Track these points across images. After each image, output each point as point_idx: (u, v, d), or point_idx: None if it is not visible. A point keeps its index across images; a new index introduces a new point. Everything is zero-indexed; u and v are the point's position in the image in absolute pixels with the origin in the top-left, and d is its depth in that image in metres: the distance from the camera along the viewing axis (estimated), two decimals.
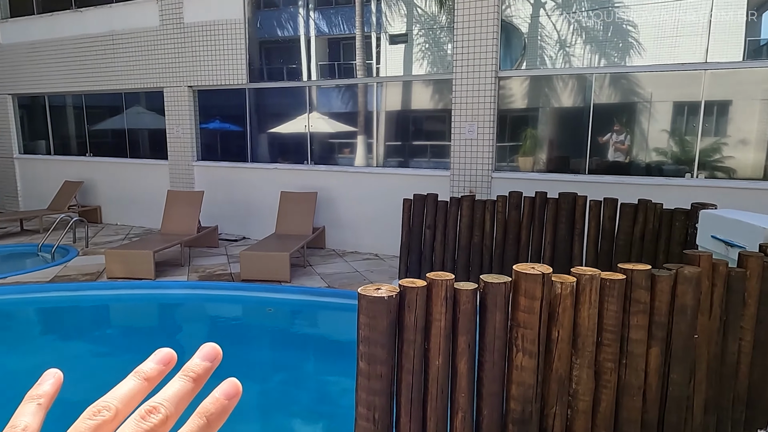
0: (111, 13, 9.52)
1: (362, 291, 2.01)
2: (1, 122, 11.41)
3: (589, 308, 2.20)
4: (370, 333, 2.00)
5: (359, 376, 2.06)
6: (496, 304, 2.10)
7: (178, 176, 9.32)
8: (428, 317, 2.10)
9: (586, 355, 2.23)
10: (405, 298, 2.04)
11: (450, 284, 2.07)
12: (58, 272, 6.75)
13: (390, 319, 2.01)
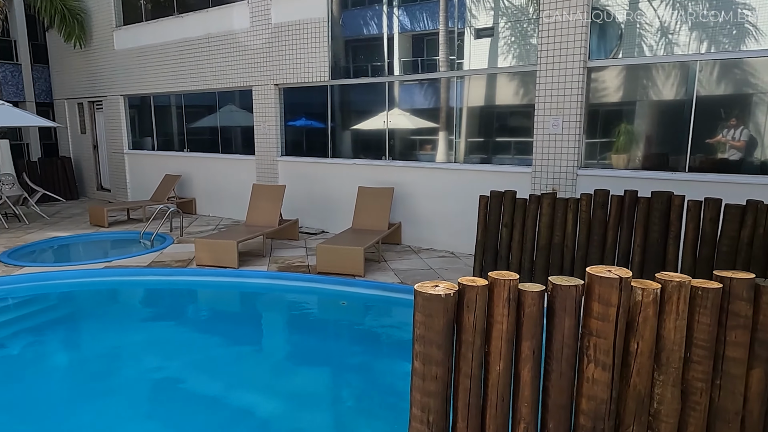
0: (207, 17, 10.15)
1: (419, 288, 1.93)
2: (114, 121, 12.62)
3: (676, 319, 1.95)
4: (425, 332, 1.92)
5: (414, 376, 1.99)
6: (565, 308, 1.92)
7: (264, 171, 9.75)
8: (489, 319, 1.97)
9: (671, 372, 1.98)
10: (464, 297, 1.93)
11: (513, 285, 1.93)
12: (155, 258, 7.31)
13: (447, 318, 1.91)
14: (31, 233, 9.10)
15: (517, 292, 1.94)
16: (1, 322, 5.84)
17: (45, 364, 4.78)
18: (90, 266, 6.87)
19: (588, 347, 1.94)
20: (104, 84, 12.64)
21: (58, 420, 3.70)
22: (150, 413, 3.86)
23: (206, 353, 4.90)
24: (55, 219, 10.58)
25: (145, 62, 11.49)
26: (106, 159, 13.42)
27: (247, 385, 4.23)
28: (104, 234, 9.30)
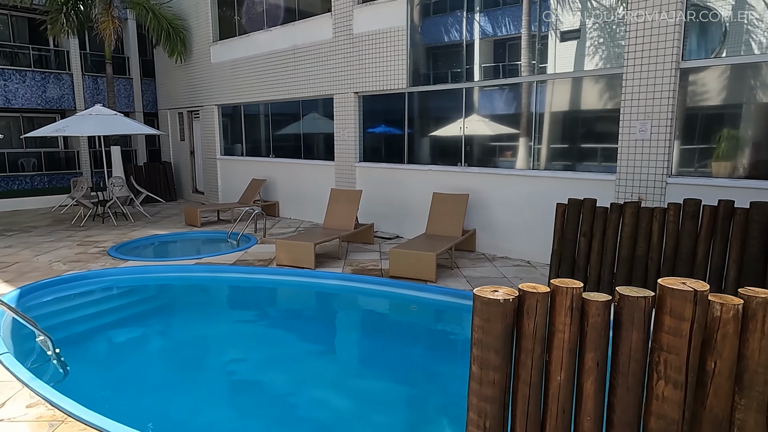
0: (294, 30, 10.69)
1: (477, 292, 1.94)
2: (209, 129, 13.62)
3: (762, 339, 1.80)
4: (483, 336, 1.92)
5: (471, 380, 1.99)
6: (633, 320, 1.84)
7: (343, 176, 10.06)
8: (550, 327, 1.93)
9: (755, 396, 1.83)
10: (524, 304, 1.91)
11: (577, 293, 1.88)
12: (240, 257, 7.79)
13: (505, 323, 1.90)
14: (135, 230, 10.04)
15: (581, 301, 1.89)
16: (108, 308, 6.54)
17: (143, 346, 5.28)
18: (183, 262, 7.47)
19: (658, 363, 1.84)
20: (201, 95, 13.69)
21: (153, 392, 4.09)
22: (227, 398, 4.14)
23: (280, 348, 5.16)
24: (155, 218, 11.59)
25: (237, 74, 12.31)
26: (201, 164, 14.50)
27: (315, 381, 4.40)
28: (197, 233, 10.06)
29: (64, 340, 4.83)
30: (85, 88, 15.84)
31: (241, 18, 12.36)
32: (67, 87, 15.56)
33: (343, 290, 6.67)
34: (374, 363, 4.95)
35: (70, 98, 15.56)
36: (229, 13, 12.71)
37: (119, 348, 5.28)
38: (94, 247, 8.54)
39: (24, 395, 3.62)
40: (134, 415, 3.74)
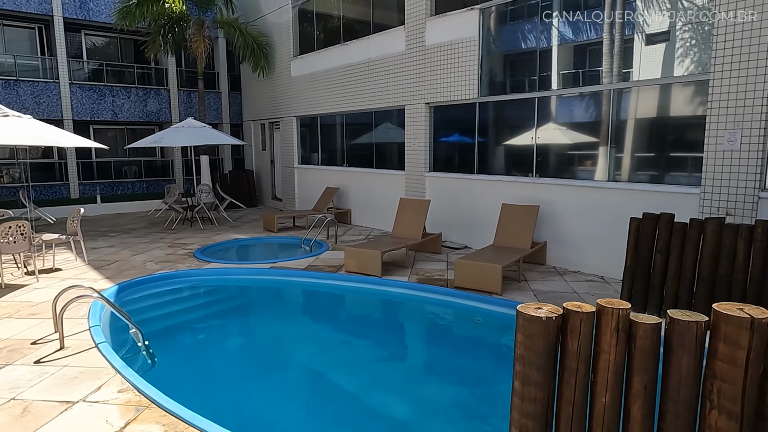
0: (368, 43, 11.02)
1: (521, 308, 1.96)
2: (288, 139, 14.31)
3: None
4: (525, 352, 1.94)
5: (513, 396, 2.01)
6: (683, 345, 1.78)
7: (413, 186, 10.18)
8: (596, 347, 1.91)
9: None
10: (568, 322, 1.90)
11: (624, 314, 1.85)
12: (311, 262, 8.13)
13: (548, 341, 1.90)
14: (219, 234, 10.78)
15: (628, 323, 1.85)
16: (191, 306, 7.09)
17: (220, 343, 5.69)
18: (259, 265, 7.93)
19: (711, 391, 1.76)
20: (281, 107, 14.44)
21: (227, 386, 4.41)
22: (294, 396, 4.37)
23: (344, 351, 5.34)
24: (237, 223, 12.36)
25: (314, 86, 12.87)
26: (280, 172, 15.25)
27: (377, 386, 4.52)
28: (273, 238, 10.60)
29: (152, 334, 5.32)
30: (180, 102, 17.24)
31: (320, 33, 12.92)
32: (164, 101, 17.03)
33: (408, 299, 6.76)
34: (436, 372, 4.99)
35: (167, 111, 17.01)
36: (309, 28, 13.33)
37: (199, 343, 5.73)
38: (182, 249, 9.28)
39: (116, 381, 4.05)
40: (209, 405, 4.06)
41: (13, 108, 13.74)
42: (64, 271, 7.67)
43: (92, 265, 8.01)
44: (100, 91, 15.86)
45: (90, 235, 10.63)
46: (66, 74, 15.16)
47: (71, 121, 15.31)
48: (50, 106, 15.00)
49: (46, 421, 3.47)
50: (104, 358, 4.49)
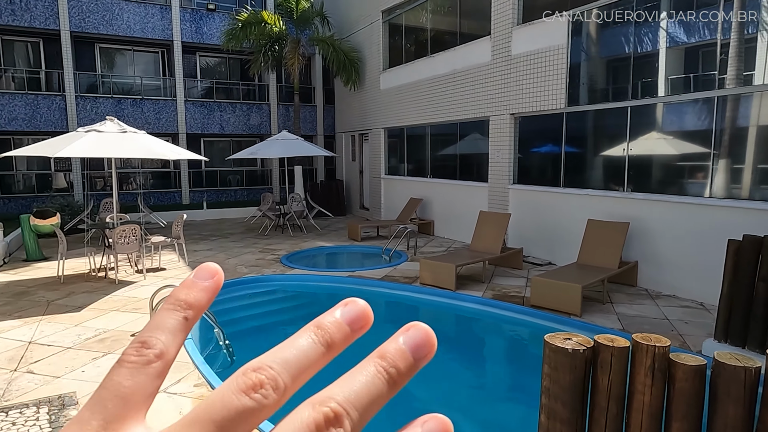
0: (454, 55, 10.99)
1: (548, 338, 1.86)
2: (376, 150, 14.66)
3: None
4: (551, 385, 1.84)
5: (539, 430, 1.91)
6: (729, 393, 1.59)
7: (495, 198, 9.95)
8: (630, 386, 1.76)
9: None
10: (598, 357, 1.78)
11: (662, 352, 1.69)
12: (388, 272, 8.25)
13: (575, 375, 1.79)
14: (306, 241, 11.30)
15: (666, 362, 1.69)
16: (272, 310, 7.51)
17: None
18: (338, 273, 8.20)
19: None
20: (370, 119, 14.84)
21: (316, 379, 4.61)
22: None
23: None
24: (324, 231, 12.86)
25: (401, 99, 13.08)
26: (368, 182, 15.64)
27: (444, 402, 4.47)
28: (356, 247, 10.89)
29: (234, 334, 5.72)
30: (279, 116, 18.37)
31: (409, 45, 13.13)
32: (265, 115, 18.25)
33: (480, 314, 6.61)
34: (500, 391, 4.83)
35: (267, 125, 18.21)
36: (398, 42, 13.60)
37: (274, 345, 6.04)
38: (271, 254, 9.85)
39: (194, 376, 4.42)
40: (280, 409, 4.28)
41: (138, 123, 15.54)
42: (167, 271, 8.49)
43: (191, 267, 8.78)
44: (209, 107, 17.39)
45: (193, 239, 11.66)
46: (182, 92, 16.83)
47: (185, 135, 16.94)
48: (168, 122, 16.73)
49: None
50: (187, 353, 4.90)
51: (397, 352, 0.28)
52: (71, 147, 7.09)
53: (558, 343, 1.81)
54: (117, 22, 15.83)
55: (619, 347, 1.74)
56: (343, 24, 16.03)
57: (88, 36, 15.92)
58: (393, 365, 0.28)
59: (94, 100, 15.79)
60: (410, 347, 0.29)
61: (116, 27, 15.83)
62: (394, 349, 0.29)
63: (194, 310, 0.32)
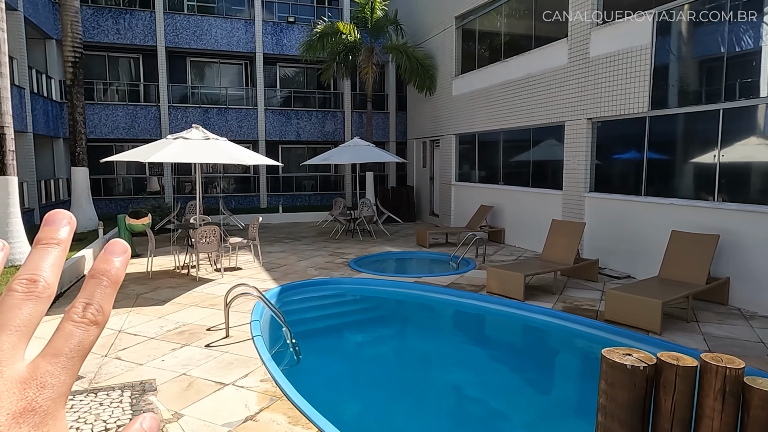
0: (529, 59, 10.70)
1: (606, 352, 1.76)
2: (446, 156, 14.57)
3: None
4: (607, 402, 1.73)
5: None
6: None
7: (570, 206, 9.53)
8: (698, 410, 1.62)
9: None
10: (661, 375, 1.65)
11: (735, 375, 1.54)
12: (454, 280, 8.14)
13: (634, 394, 1.67)
14: (374, 246, 11.44)
15: (740, 386, 1.54)
16: (338, 312, 7.67)
17: (359, 350, 6.06)
18: (404, 279, 8.22)
19: None
20: (441, 125, 14.79)
21: (358, 392, 4.70)
22: (418, 410, 4.45)
23: (473, 372, 5.24)
24: (393, 237, 12.95)
25: (473, 104, 12.92)
26: (438, 189, 15.57)
27: (506, 415, 4.35)
28: (424, 253, 10.87)
29: (300, 333, 5.91)
30: (353, 123, 18.80)
31: (483, 50, 12.96)
32: (339, 122, 18.75)
33: (549, 327, 6.35)
34: (569, 409, 4.61)
35: (341, 131, 18.70)
36: (471, 47, 13.46)
37: (339, 347, 6.17)
38: (340, 258, 10.07)
39: (261, 372, 4.61)
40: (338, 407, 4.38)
41: (222, 130, 16.53)
42: (243, 270, 8.93)
43: (265, 267, 9.18)
44: (287, 115, 18.15)
45: (268, 241, 12.19)
46: (262, 101, 17.71)
47: (264, 142, 17.79)
48: (249, 129, 17.65)
49: (203, 396, 4.11)
50: (256, 349, 5.13)
51: (103, 261, 0.40)
52: (161, 153, 7.69)
53: (616, 359, 1.71)
54: (206, 37, 16.98)
55: (684, 366, 1.61)
56: (416, 31, 16.13)
57: (180, 51, 17.21)
58: (103, 273, 0.39)
59: (184, 110, 17.02)
60: (110, 253, 0.40)
61: (205, 41, 16.99)
62: (100, 262, 0.40)
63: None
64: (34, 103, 13.42)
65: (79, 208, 12.00)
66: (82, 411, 3.78)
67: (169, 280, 8.24)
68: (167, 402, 3.99)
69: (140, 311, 6.50)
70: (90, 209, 12.24)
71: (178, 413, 3.82)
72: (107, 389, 4.20)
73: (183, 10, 16.98)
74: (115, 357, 4.98)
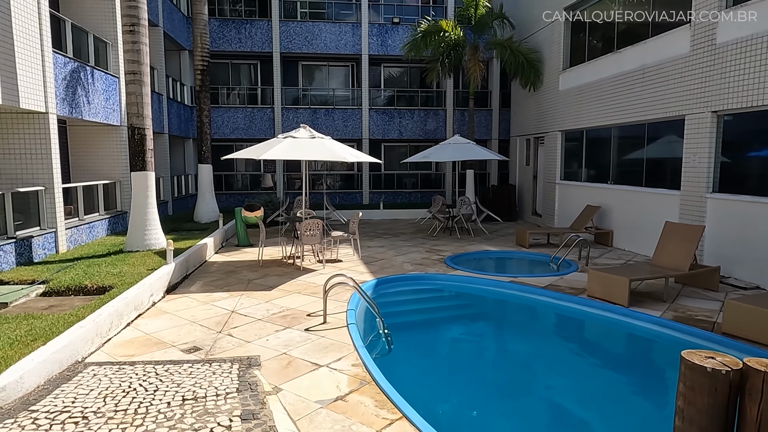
0: (644, 49, 9.94)
1: (686, 353, 1.68)
2: (551, 154, 14.00)
3: None
4: (686, 406, 1.66)
5: None
6: None
7: (688, 208, 8.72)
8: None
9: None
10: (746, 381, 1.55)
11: None
12: (553, 282, 7.86)
13: (715, 399, 1.59)
14: (472, 245, 11.36)
15: None
16: (430, 307, 7.78)
17: (448, 344, 6.12)
18: (499, 278, 8.10)
19: None
20: (546, 121, 14.23)
21: (448, 383, 4.79)
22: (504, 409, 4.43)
23: (564, 377, 5.06)
24: (492, 236, 12.75)
25: (581, 99, 12.27)
26: (542, 188, 15.01)
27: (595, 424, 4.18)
28: (522, 253, 10.58)
29: (393, 325, 6.10)
30: (455, 121, 18.75)
31: (594, 42, 12.26)
32: (441, 120, 18.80)
33: (655, 336, 5.90)
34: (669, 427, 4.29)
35: (442, 129, 18.73)
36: (580, 39, 12.79)
37: (430, 341, 6.27)
38: (436, 254, 10.16)
39: (353, 356, 4.87)
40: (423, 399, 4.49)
41: (329, 130, 17.39)
42: (343, 263, 9.38)
43: (363, 260, 9.55)
44: (390, 114, 18.58)
45: (368, 236, 12.62)
46: (367, 101, 18.32)
47: (368, 140, 18.40)
48: (354, 128, 18.36)
49: (300, 374, 4.45)
50: (350, 336, 5.41)
51: None
52: (272, 151, 8.34)
53: (696, 361, 1.63)
54: (316, 42, 17.95)
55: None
56: (522, 25, 15.66)
57: (293, 55, 18.38)
58: None
59: (295, 111, 18.16)
60: None
61: (315, 46, 17.96)
62: None
63: None
64: (169, 108, 15.18)
65: (204, 201, 13.37)
66: (198, 377, 4.29)
67: (276, 268, 8.91)
68: (269, 377, 4.39)
69: (250, 295, 7.13)
70: (213, 202, 13.57)
71: (278, 387, 4.18)
72: (219, 361, 4.71)
73: (296, 17, 18.10)
74: (228, 334, 5.54)
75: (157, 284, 6.79)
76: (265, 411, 3.68)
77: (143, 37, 8.54)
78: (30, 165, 8.38)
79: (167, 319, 6.06)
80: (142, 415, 3.59)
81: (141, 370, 4.46)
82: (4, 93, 7.27)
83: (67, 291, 6.46)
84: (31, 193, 8.22)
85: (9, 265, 7.45)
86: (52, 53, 8.55)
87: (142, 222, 8.79)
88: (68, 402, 3.79)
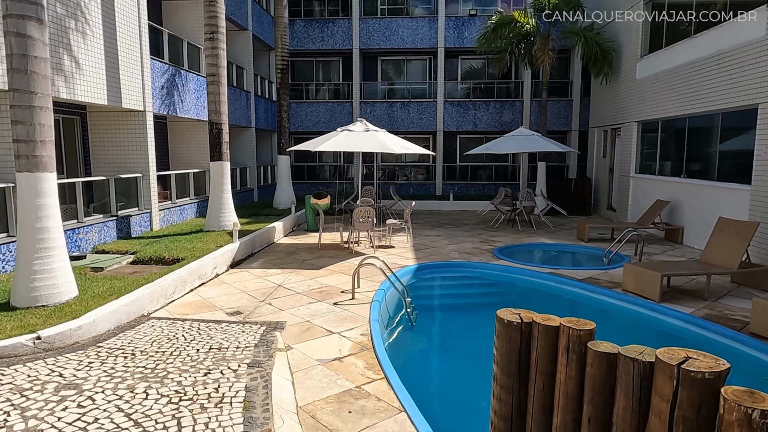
0: (719, 33, 9.27)
1: (499, 312, 2.05)
2: (626, 146, 13.38)
3: None
4: (495, 352, 2.03)
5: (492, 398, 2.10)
6: (621, 383, 1.57)
7: (760, 204, 8.11)
8: (556, 365, 1.84)
9: None
10: (531, 331, 1.90)
11: (577, 334, 1.74)
12: (594, 275, 7.79)
13: (510, 346, 1.95)
14: (529, 237, 11.35)
15: (583, 347, 1.73)
16: (464, 293, 8.11)
17: (475, 332, 6.47)
18: (538, 269, 8.19)
19: None
20: (623, 112, 13.60)
21: (460, 374, 5.22)
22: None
23: None
24: (556, 229, 12.56)
25: (657, 88, 11.64)
26: (617, 181, 14.38)
27: None
28: (578, 247, 10.41)
29: (421, 306, 6.57)
30: (532, 112, 18.41)
31: (672, 26, 11.54)
32: (517, 112, 18.56)
33: (677, 332, 5.78)
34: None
35: (518, 121, 18.48)
36: (659, 24, 12.07)
37: (448, 321, 6.66)
38: (489, 245, 10.36)
39: (364, 327, 5.44)
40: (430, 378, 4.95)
41: (404, 123, 17.98)
42: (394, 249, 9.95)
43: (414, 248, 10.05)
44: (465, 106, 18.71)
45: (430, 225, 13.06)
46: (442, 94, 18.61)
47: (442, 133, 18.71)
48: (428, 121, 18.76)
49: (312, 338, 5.12)
50: (369, 310, 5.99)
51: None
52: (328, 143, 9.11)
53: (501, 315, 2.01)
54: (394, 37, 18.56)
55: (546, 325, 1.84)
56: (599, 11, 14.98)
57: (372, 51, 19.15)
58: None
59: (372, 105, 18.95)
60: None
61: (393, 41, 18.58)
62: None
63: None
64: (257, 104, 16.68)
65: (281, 189, 14.64)
66: (229, 334, 5.13)
67: (332, 251, 9.71)
68: (286, 338, 5.11)
69: (300, 273, 7.96)
70: (289, 190, 14.80)
71: (290, 346, 4.89)
72: (252, 323, 5.53)
73: (376, 14, 18.82)
74: (268, 303, 6.38)
75: (220, 259, 7.85)
76: (269, 362, 4.39)
77: (221, 43, 9.70)
78: (130, 155, 9.95)
79: (224, 288, 7.06)
80: (175, 356, 4.48)
81: (188, 325, 5.40)
82: (109, 95, 8.75)
83: (150, 261, 7.73)
84: (131, 179, 9.76)
85: (111, 238, 9.00)
86: (149, 60, 10.03)
87: (218, 206, 10.03)
88: (126, 342, 4.80)
